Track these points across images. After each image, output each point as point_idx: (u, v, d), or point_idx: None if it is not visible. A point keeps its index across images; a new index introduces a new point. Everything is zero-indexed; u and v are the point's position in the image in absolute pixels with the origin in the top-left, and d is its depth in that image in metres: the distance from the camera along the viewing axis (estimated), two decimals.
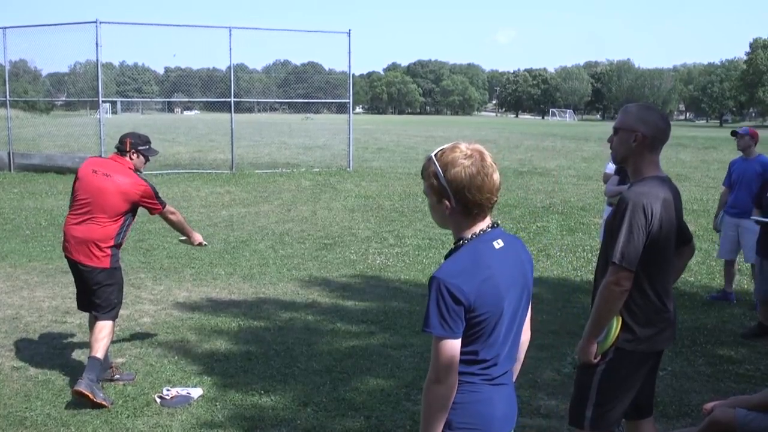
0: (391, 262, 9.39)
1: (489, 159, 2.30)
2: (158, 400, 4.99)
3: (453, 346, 2.21)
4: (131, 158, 5.31)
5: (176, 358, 5.85)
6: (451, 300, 2.19)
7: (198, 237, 5.76)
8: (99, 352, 5.02)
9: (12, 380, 5.35)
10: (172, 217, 5.44)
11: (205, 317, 6.94)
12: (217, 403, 4.95)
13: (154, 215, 5.48)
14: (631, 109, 3.38)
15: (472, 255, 2.28)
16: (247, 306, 7.35)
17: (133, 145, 5.31)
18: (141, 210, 5.37)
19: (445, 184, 2.28)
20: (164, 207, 5.36)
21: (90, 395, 4.75)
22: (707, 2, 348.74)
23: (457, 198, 2.28)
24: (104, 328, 5.15)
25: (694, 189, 16.90)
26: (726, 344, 6.35)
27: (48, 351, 5.98)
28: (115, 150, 5.35)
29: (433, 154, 2.34)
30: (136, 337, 6.35)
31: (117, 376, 5.34)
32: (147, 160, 5.41)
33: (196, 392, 5.10)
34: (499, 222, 2.41)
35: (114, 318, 5.28)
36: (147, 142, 5.41)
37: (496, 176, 2.31)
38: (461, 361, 2.25)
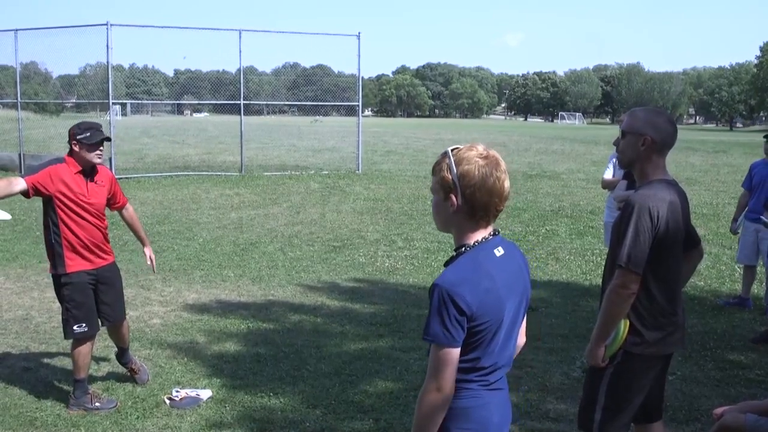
0: (400, 265, 9.39)
1: (503, 165, 2.29)
2: (168, 401, 5.01)
3: (454, 354, 2.20)
4: (73, 149, 4.80)
5: (186, 359, 5.88)
6: (455, 309, 2.16)
7: None
8: (75, 373, 4.97)
9: (22, 381, 5.38)
10: None
11: (215, 319, 6.97)
12: (227, 405, 4.97)
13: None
14: (639, 113, 3.38)
15: (475, 263, 2.25)
16: (256, 308, 7.37)
17: (72, 135, 4.76)
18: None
19: (456, 179, 2.25)
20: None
21: (81, 412, 4.82)
22: (717, 6, 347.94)
23: (465, 196, 2.25)
24: (73, 351, 4.97)
25: (704, 193, 16.82)
26: (736, 349, 6.32)
27: (58, 352, 6.01)
28: None
29: (449, 149, 2.32)
30: (145, 338, 6.37)
31: (138, 373, 5.35)
32: (91, 149, 4.76)
33: (205, 394, 5.12)
34: (499, 230, 2.40)
35: (73, 337, 4.91)
36: (88, 128, 4.78)
37: (507, 184, 2.29)
38: (460, 369, 2.24)
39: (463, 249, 2.31)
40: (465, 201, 2.26)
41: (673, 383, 5.27)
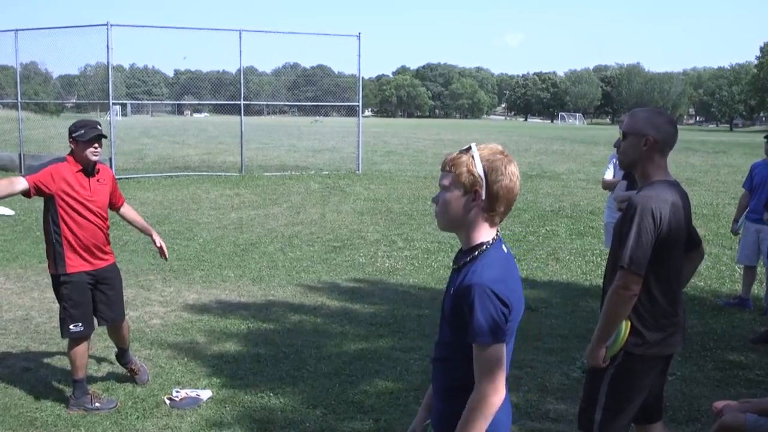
0: (400, 266, 9.39)
1: (517, 170, 2.29)
2: (168, 401, 5.01)
3: (503, 351, 2.19)
4: (72, 148, 4.82)
5: (186, 359, 5.87)
6: (501, 304, 2.15)
7: None
8: (74, 374, 4.95)
9: (22, 381, 5.38)
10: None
11: (215, 319, 6.96)
12: (227, 405, 4.97)
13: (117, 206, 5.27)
14: (640, 113, 3.37)
15: (500, 261, 2.26)
16: (256, 308, 7.37)
17: (69, 133, 4.79)
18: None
19: (483, 173, 2.22)
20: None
21: (81, 412, 4.81)
22: (717, 6, 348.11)
23: (490, 190, 2.23)
24: (70, 352, 4.95)
25: (704, 193, 16.83)
26: (736, 349, 6.32)
27: (58, 352, 6.01)
28: None
29: (472, 144, 2.29)
30: (145, 338, 6.37)
31: (138, 373, 5.34)
32: (85, 146, 4.76)
33: (205, 394, 5.12)
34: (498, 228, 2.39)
35: (69, 336, 4.88)
36: (83, 125, 4.80)
37: (518, 185, 2.30)
38: None
39: (484, 247, 2.28)
40: (488, 195, 2.24)
41: (673, 383, 5.28)
